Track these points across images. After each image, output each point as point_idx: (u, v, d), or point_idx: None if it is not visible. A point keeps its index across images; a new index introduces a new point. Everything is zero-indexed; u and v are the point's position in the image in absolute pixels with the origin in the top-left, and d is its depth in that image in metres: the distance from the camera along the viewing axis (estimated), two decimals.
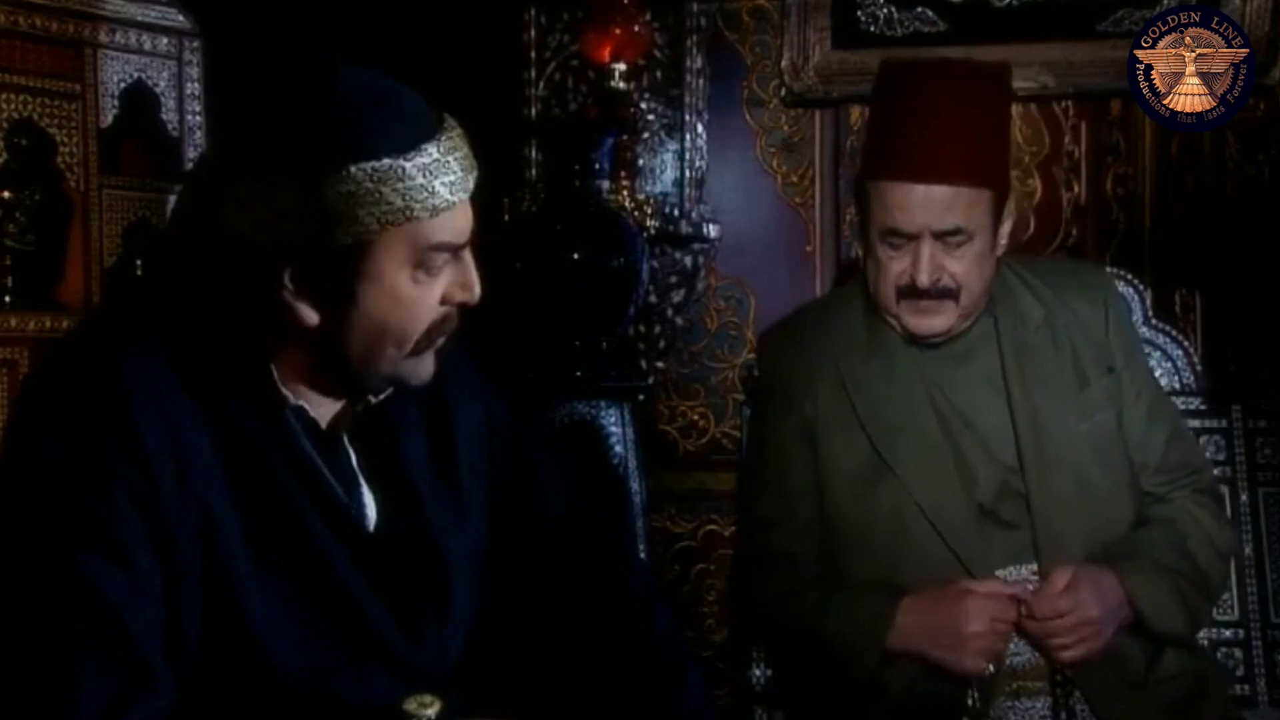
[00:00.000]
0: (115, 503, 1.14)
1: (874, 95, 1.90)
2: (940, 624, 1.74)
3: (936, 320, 1.79)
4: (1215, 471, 2.20)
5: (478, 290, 1.28)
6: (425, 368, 1.29)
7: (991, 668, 1.74)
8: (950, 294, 1.77)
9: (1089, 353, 1.87)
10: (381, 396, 1.31)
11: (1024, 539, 1.80)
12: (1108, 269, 2.45)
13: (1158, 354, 2.30)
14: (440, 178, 1.20)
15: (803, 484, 1.89)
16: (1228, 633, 2.21)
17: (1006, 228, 1.84)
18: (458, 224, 1.24)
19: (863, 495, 1.84)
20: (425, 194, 1.19)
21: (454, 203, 1.22)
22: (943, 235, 1.74)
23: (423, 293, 1.24)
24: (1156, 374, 2.23)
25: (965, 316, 1.81)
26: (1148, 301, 2.33)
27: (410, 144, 1.19)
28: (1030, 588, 1.77)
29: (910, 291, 1.77)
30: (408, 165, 1.18)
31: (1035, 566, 1.79)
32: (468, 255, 1.27)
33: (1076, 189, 3.10)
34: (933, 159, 1.73)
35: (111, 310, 1.30)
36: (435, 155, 1.20)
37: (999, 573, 1.79)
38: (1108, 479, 1.84)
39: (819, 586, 1.86)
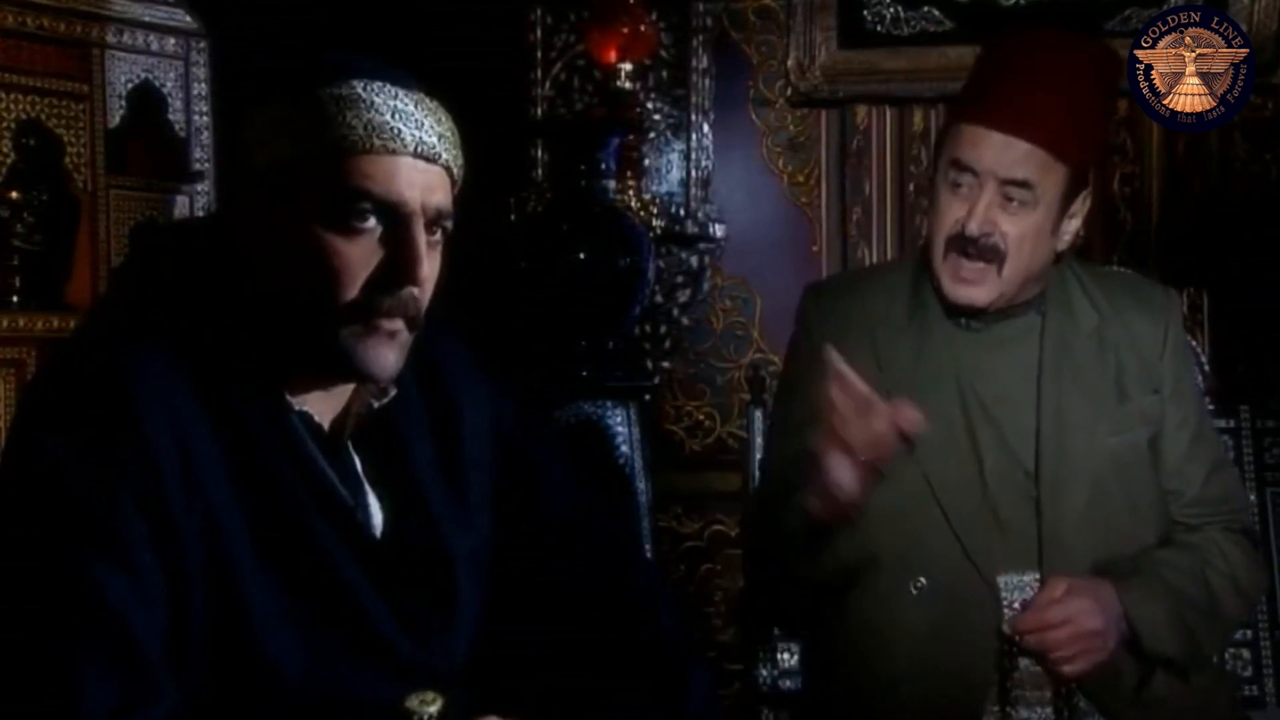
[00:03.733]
0: (119, 504, 1.13)
1: (982, 49, 1.88)
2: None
3: (975, 291, 1.74)
4: None
5: (418, 270, 1.19)
6: (377, 353, 1.21)
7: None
8: (996, 255, 1.72)
9: (1136, 370, 1.82)
10: (385, 400, 1.31)
11: (1030, 543, 1.76)
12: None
13: None
14: (355, 112, 1.17)
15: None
16: (1236, 634, 2.20)
17: (1074, 224, 1.78)
18: (385, 175, 1.18)
19: None
20: (330, 127, 1.17)
21: (371, 145, 1.17)
22: (1007, 184, 1.70)
23: (341, 248, 1.19)
24: None
25: (1006, 295, 1.76)
26: None
27: (333, 78, 1.19)
28: (1029, 595, 1.73)
29: (958, 241, 1.73)
30: (319, 93, 1.18)
31: (1038, 575, 1.74)
32: (414, 233, 1.20)
33: None
34: (1020, 112, 1.70)
35: (115, 309, 1.29)
36: (357, 92, 1.18)
37: (1000, 579, 1.75)
38: (1127, 498, 1.79)
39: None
